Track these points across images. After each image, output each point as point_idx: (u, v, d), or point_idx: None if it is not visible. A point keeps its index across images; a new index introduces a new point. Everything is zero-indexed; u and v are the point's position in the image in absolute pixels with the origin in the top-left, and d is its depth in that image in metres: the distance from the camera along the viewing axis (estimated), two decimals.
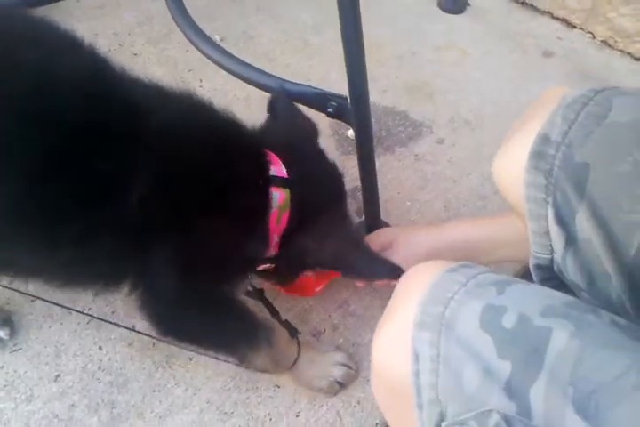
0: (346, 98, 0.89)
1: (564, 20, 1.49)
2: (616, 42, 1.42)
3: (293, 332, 0.90)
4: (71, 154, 0.64)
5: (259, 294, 0.92)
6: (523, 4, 1.53)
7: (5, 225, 0.65)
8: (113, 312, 1.01)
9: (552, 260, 0.55)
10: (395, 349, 0.47)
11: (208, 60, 1.03)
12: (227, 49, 1.03)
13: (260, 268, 0.85)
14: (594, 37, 1.45)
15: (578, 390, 0.38)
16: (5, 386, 0.95)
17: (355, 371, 0.94)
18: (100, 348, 0.98)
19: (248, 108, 1.30)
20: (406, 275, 0.53)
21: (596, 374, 0.38)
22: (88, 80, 0.68)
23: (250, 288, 0.92)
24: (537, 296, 0.46)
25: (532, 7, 1.52)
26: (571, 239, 0.51)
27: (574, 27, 1.48)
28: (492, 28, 1.48)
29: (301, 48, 1.44)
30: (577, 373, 0.39)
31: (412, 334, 0.45)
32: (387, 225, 1.13)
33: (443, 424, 0.43)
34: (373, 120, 0.96)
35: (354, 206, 1.18)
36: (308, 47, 1.44)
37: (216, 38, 1.43)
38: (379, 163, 1.05)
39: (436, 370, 0.43)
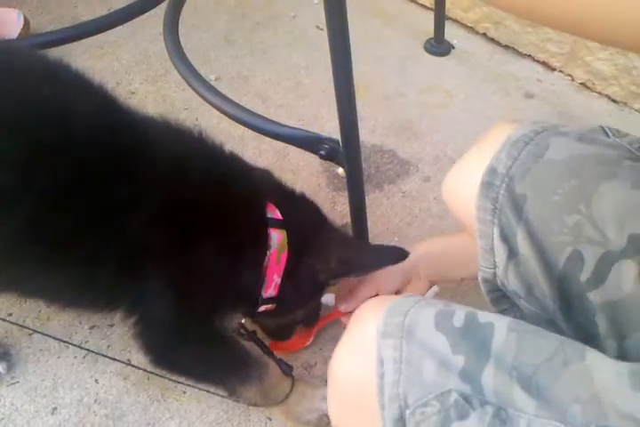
0: (337, 141, 0.94)
1: (544, 63, 1.56)
2: (594, 84, 1.49)
3: (287, 370, 0.93)
4: (80, 183, 0.68)
5: (251, 335, 0.95)
6: (505, 47, 1.60)
7: (19, 246, 0.69)
8: (109, 346, 1.04)
9: (495, 274, 0.65)
10: (358, 359, 0.52)
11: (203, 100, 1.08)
12: (221, 89, 1.07)
13: (262, 309, 0.88)
14: (573, 80, 1.52)
15: (520, 373, 0.45)
16: (2, 419, 0.97)
17: None
18: (97, 381, 1.00)
19: (242, 146, 1.35)
20: (360, 308, 0.58)
21: (533, 357, 0.45)
22: (99, 115, 0.72)
23: (242, 331, 0.95)
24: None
25: (514, 50, 1.59)
26: (512, 254, 0.61)
27: (554, 69, 1.55)
28: (475, 71, 1.55)
29: (294, 88, 1.49)
30: (517, 359, 0.46)
31: (377, 343, 0.50)
32: None
33: (407, 412, 0.47)
34: (363, 158, 1.00)
35: None
36: (300, 87, 1.49)
37: (211, 78, 1.49)
38: (368, 200, 1.09)
39: (399, 369, 0.49)
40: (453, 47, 1.59)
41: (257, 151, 1.36)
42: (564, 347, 0.46)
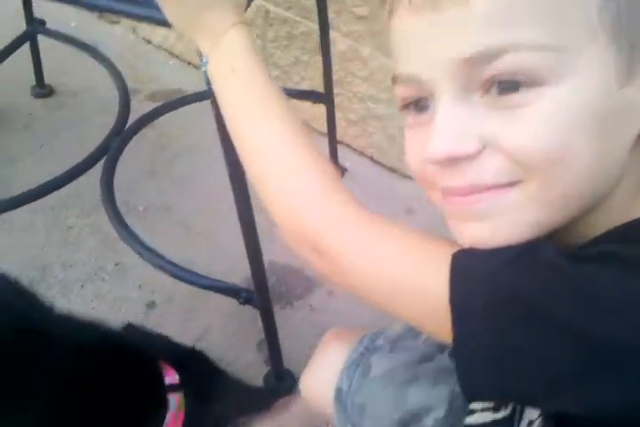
0: (251, 291, 1.18)
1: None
2: None
3: None
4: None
5: None
6: (390, 168, 1.91)
7: None
8: None
9: None
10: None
11: None
12: (149, 219, 1.30)
13: None
14: None
15: None
16: None
17: None
18: None
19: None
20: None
21: None
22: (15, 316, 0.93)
23: None
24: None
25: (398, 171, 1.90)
26: None
27: None
28: (368, 190, 1.84)
29: (214, 216, 1.73)
30: None
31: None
32: (289, 372, 1.40)
33: None
34: (275, 278, 1.24)
35: (261, 356, 1.45)
36: (219, 214, 1.73)
37: (140, 209, 1.71)
38: (282, 316, 1.32)
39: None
40: (346, 170, 1.89)
41: None
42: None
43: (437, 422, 0.83)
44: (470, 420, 0.73)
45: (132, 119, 1.54)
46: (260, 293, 1.18)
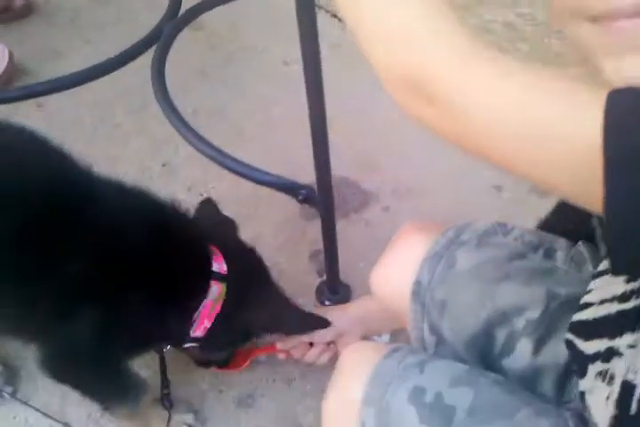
0: (312, 188, 1.09)
1: None
2: None
3: (167, 404, 1.06)
4: (34, 233, 0.81)
5: (161, 363, 1.07)
6: None
7: None
8: None
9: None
10: (343, 416, 0.69)
11: None
12: (198, 122, 1.21)
13: (187, 345, 1.00)
14: None
15: None
16: None
17: None
18: None
19: (221, 177, 1.48)
20: (346, 356, 0.76)
21: None
22: (52, 174, 0.86)
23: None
24: (446, 370, 0.70)
25: None
26: (440, 341, 0.79)
27: None
28: None
29: (266, 120, 1.63)
30: None
31: (361, 407, 0.67)
32: (344, 284, 1.33)
33: None
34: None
35: (315, 267, 1.38)
36: (271, 119, 1.64)
37: (188, 112, 1.61)
38: (337, 228, 1.24)
39: None
40: None
41: (234, 180, 1.49)
42: (514, 423, 0.63)
43: (530, 324, 0.74)
44: (582, 316, 0.64)
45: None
46: (323, 191, 1.08)
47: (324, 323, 1.04)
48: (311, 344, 1.14)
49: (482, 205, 1.47)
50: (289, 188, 1.12)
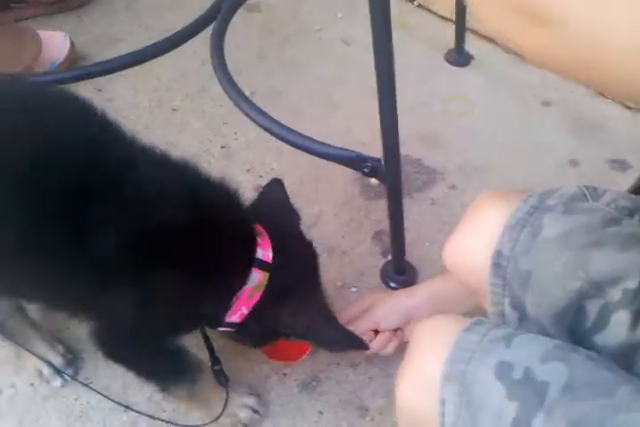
0: (379, 160, 1.03)
1: None
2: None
3: (223, 380, 1.01)
4: (67, 202, 0.78)
5: (206, 343, 1.02)
6: (522, 57, 1.68)
7: (12, 256, 0.80)
8: None
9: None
10: (422, 394, 0.62)
11: (240, 114, 1.17)
12: (257, 103, 1.17)
13: (221, 330, 0.96)
14: (588, 87, 1.60)
15: (569, 422, 0.53)
16: (81, 417, 1.08)
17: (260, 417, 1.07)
18: None
19: (279, 157, 1.44)
20: (422, 330, 0.68)
21: (582, 414, 0.54)
22: (90, 143, 0.82)
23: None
24: (535, 344, 0.62)
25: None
26: (523, 318, 0.71)
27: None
28: (494, 80, 1.64)
29: (325, 101, 1.58)
30: (567, 416, 0.54)
31: (440, 383, 0.60)
32: (410, 265, 1.26)
33: None
34: None
35: (379, 248, 1.32)
36: (330, 100, 1.59)
37: (247, 94, 1.58)
38: None
39: (458, 413, 0.58)
40: (473, 57, 1.68)
41: (293, 162, 1.45)
42: (614, 401, 0.54)
43: (627, 295, 0.66)
44: None
45: None
46: (390, 163, 1.03)
47: (360, 345, 0.98)
48: (376, 332, 1.08)
49: (557, 182, 1.36)
50: (354, 160, 1.06)
